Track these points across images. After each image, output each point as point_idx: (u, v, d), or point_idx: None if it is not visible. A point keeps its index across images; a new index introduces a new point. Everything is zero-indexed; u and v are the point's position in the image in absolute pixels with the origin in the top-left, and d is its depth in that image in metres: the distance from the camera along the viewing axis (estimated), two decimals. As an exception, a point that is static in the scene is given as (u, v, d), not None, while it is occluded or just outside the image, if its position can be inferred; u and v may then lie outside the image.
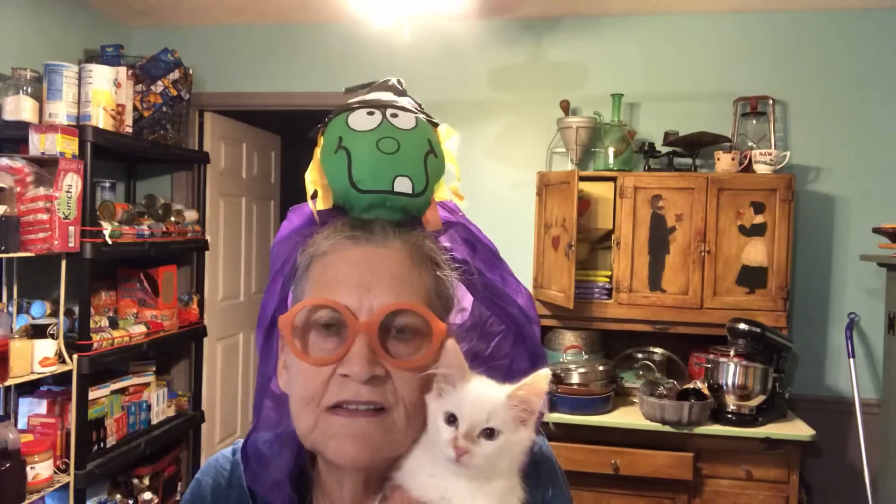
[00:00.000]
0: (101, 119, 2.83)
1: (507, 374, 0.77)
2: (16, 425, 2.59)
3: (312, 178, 0.75)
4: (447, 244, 0.79)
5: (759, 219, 3.01)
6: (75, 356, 2.65)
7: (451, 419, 0.66)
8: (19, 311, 2.68)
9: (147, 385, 3.24)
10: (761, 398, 2.82)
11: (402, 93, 0.80)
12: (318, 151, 0.75)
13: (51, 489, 2.54)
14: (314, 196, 0.75)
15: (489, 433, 0.65)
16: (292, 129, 4.58)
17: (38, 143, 2.58)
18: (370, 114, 0.74)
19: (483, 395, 0.67)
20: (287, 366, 0.76)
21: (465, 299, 0.81)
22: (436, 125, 0.78)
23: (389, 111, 0.75)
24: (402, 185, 0.72)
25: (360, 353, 0.67)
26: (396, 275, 0.71)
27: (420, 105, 0.80)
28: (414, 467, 0.70)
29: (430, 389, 0.70)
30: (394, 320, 0.70)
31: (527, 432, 0.68)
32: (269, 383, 0.80)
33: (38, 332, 2.55)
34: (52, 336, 2.57)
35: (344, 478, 0.75)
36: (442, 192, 0.78)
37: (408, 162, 0.73)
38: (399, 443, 0.70)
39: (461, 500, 0.66)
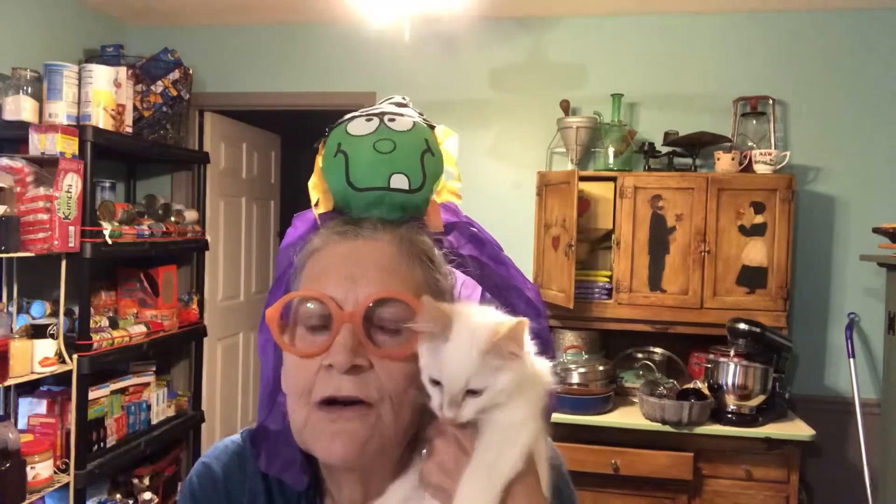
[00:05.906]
0: (101, 119, 2.83)
1: None
2: (16, 425, 2.59)
3: (314, 184, 0.77)
4: (453, 242, 0.80)
5: (759, 219, 3.01)
6: (75, 356, 2.65)
7: (436, 382, 0.67)
8: (19, 311, 2.68)
9: (147, 385, 3.24)
10: (761, 398, 2.82)
11: (404, 107, 0.82)
12: (318, 159, 0.77)
13: (51, 489, 2.54)
14: (318, 204, 0.77)
15: (472, 392, 0.66)
16: (292, 129, 4.58)
17: (38, 143, 2.57)
18: (368, 120, 0.76)
19: (461, 358, 0.66)
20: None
21: (474, 294, 0.82)
22: (433, 127, 0.80)
23: (387, 117, 0.77)
24: (399, 181, 0.73)
25: (343, 343, 0.67)
26: (384, 266, 0.72)
27: (422, 114, 0.81)
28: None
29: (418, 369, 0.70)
30: (380, 311, 0.70)
31: (508, 375, 0.66)
32: (269, 383, 0.80)
33: (38, 332, 2.54)
34: (52, 336, 2.57)
35: (340, 478, 0.76)
36: (443, 194, 0.79)
37: (404, 159, 0.74)
38: (387, 437, 0.70)
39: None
